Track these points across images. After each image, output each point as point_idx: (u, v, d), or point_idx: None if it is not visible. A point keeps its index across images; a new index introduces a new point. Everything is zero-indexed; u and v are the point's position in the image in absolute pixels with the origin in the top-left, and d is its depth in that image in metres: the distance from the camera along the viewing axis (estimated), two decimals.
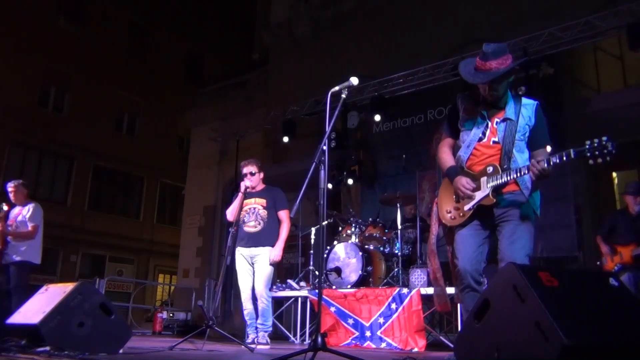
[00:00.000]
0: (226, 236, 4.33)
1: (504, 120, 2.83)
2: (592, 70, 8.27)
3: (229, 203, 5.02)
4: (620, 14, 6.57)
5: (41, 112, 17.06)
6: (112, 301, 3.44)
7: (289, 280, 6.42)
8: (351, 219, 6.30)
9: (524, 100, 2.88)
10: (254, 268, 4.78)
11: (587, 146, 2.44)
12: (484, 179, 2.79)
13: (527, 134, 2.81)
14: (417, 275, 5.07)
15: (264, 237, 4.76)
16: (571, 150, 2.50)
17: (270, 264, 4.72)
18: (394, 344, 4.86)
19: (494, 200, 2.75)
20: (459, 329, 4.67)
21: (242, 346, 4.19)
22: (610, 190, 8.28)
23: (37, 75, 16.94)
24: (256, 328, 4.73)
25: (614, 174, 8.44)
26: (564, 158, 2.52)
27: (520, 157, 2.80)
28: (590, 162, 2.43)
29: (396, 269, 5.69)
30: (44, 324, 2.98)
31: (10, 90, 15.88)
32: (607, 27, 6.76)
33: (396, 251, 5.81)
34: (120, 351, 3.24)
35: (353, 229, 6.06)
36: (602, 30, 6.82)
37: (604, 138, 2.41)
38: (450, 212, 2.95)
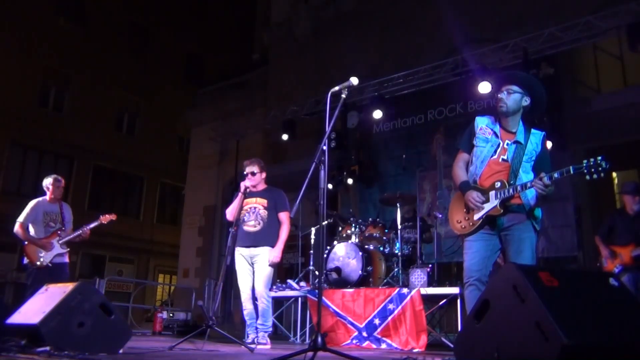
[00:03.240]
0: (226, 236, 4.34)
1: (515, 142, 3.16)
2: (592, 70, 8.27)
3: (229, 203, 5.02)
4: (620, 14, 6.56)
5: (41, 112, 17.05)
6: (112, 301, 3.43)
7: (289, 280, 6.41)
8: (351, 218, 6.30)
9: (533, 130, 3.22)
10: (253, 268, 4.77)
11: (584, 164, 2.76)
12: (492, 193, 3.10)
13: (533, 158, 3.14)
14: (417, 275, 5.07)
15: (264, 237, 4.75)
16: (570, 167, 2.81)
17: (270, 265, 4.72)
18: (394, 345, 4.86)
19: (501, 210, 3.06)
20: (459, 329, 4.67)
21: (242, 346, 4.19)
22: (610, 190, 8.27)
23: (37, 75, 16.93)
24: (256, 328, 4.72)
25: (614, 174, 8.44)
26: (564, 174, 2.85)
27: (526, 176, 3.10)
28: (587, 177, 2.77)
29: (396, 269, 5.68)
30: (44, 324, 2.98)
31: (10, 90, 15.87)
32: (607, 27, 6.75)
33: (396, 251, 5.81)
34: (120, 351, 3.24)
35: (353, 229, 6.05)
36: (602, 30, 6.82)
37: (599, 157, 2.73)
38: (460, 222, 3.26)
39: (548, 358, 1.93)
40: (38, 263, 5.13)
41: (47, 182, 5.48)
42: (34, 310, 3.23)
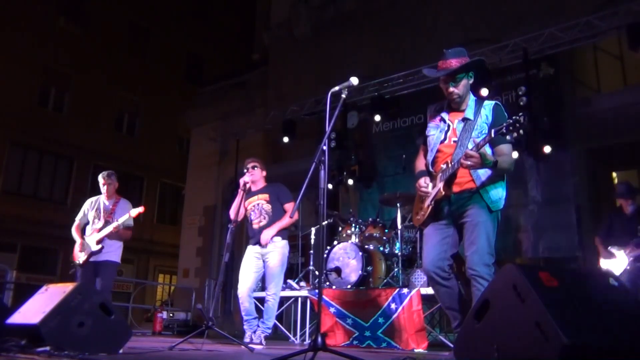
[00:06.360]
0: (226, 236, 4.32)
1: (463, 120, 3.03)
2: (592, 70, 8.27)
3: (229, 202, 5.04)
4: (620, 14, 6.57)
5: (41, 112, 17.05)
6: (112, 301, 3.43)
7: (289, 280, 6.41)
8: (351, 218, 6.30)
9: (486, 102, 3.07)
10: (265, 265, 4.80)
11: (504, 125, 2.62)
12: (439, 176, 2.99)
13: (485, 132, 2.92)
14: (417, 275, 5.07)
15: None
16: (492, 131, 2.70)
17: (262, 245, 4.74)
18: (395, 344, 4.86)
19: (443, 193, 2.92)
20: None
21: (242, 346, 4.19)
22: (610, 190, 8.27)
23: (37, 75, 16.93)
24: (257, 326, 4.73)
25: (614, 174, 8.44)
26: (487, 138, 2.74)
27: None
28: (508, 137, 2.62)
29: (396, 269, 5.68)
30: (44, 324, 2.97)
31: (10, 90, 15.87)
32: (607, 27, 6.76)
33: (396, 251, 5.80)
34: (120, 351, 3.24)
35: (353, 229, 6.05)
36: (602, 30, 6.82)
37: (520, 114, 2.59)
38: (417, 213, 3.14)
39: (548, 358, 1.93)
40: (77, 261, 5.17)
41: (99, 178, 5.47)
42: (34, 310, 3.22)
